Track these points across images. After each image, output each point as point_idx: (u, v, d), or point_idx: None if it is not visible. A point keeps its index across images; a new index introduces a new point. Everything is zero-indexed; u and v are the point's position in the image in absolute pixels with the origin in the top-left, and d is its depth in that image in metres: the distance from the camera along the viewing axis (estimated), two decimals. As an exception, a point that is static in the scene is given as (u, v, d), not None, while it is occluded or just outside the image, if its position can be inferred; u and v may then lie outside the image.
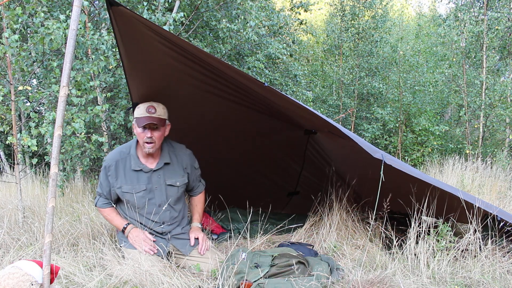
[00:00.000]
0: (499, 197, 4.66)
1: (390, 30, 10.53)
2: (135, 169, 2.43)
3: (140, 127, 2.34)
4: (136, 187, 2.43)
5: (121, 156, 2.45)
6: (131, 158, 2.44)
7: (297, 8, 7.56)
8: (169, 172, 2.50)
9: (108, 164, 2.44)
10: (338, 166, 3.60)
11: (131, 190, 2.42)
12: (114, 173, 2.42)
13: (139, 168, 2.43)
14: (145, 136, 2.35)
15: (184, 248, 2.51)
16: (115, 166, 2.43)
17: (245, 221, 3.31)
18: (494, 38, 7.79)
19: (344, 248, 2.76)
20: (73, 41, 1.60)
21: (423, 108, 9.29)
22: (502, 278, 2.30)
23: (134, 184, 2.43)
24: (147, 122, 2.33)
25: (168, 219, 2.51)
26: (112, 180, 2.43)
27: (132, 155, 2.45)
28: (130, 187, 2.42)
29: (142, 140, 2.37)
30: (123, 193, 2.43)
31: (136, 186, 2.43)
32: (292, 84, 7.48)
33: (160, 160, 2.49)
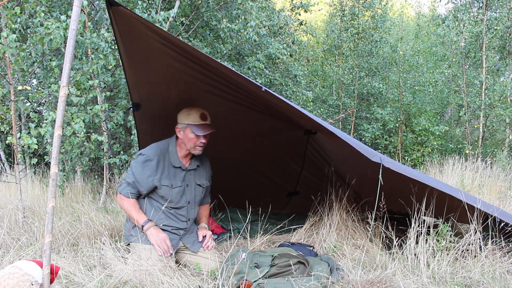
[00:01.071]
0: (499, 197, 4.66)
1: (389, 30, 10.53)
2: (175, 165, 2.58)
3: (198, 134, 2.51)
4: (173, 183, 2.57)
5: (161, 152, 2.57)
6: (171, 155, 2.59)
7: (297, 9, 7.55)
8: (199, 173, 2.72)
9: (150, 158, 2.51)
10: (338, 166, 3.59)
11: (169, 184, 2.55)
12: (155, 166, 2.51)
13: (178, 165, 2.59)
14: (198, 141, 2.54)
15: (193, 246, 2.61)
16: (157, 160, 2.53)
17: (245, 221, 3.31)
18: (493, 38, 7.79)
19: (344, 248, 2.76)
20: (73, 41, 1.60)
21: (423, 108, 9.29)
22: (502, 278, 2.30)
23: (172, 179, 2.57)
24: (209, 131, 2.52)
25: (192, 216, 2.70)
26: (153, 172, 2.51)
27: (172, 152, 2.59)
28: (168, 182, 2.55)
29: (194, 144, 2.55)
30: (162, 186, 2.53)
31: (173, 181, 2.57)
32: (292, 84, 7.48)
33: (193, 161, 2.68)
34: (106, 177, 4.30)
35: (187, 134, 2.54)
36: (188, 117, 2.54)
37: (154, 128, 3.08)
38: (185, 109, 2.59)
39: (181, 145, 2.60)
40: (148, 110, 2.93)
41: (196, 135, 2.52)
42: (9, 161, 7.15)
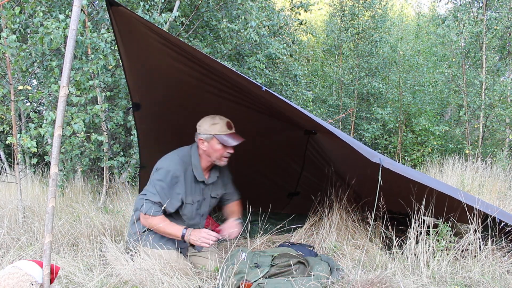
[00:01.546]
0: (499, 197, 4.66)
1: (389, 30, 10.53)
2: (200, 180, 2.46)
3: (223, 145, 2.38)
4: (194, 198, 2.47)
5: (185, 166, 2.42)
6: (194, 168, 2.44)
7: (297, 8, 7.55)
8: (216, 185, 2.61)
9: (177, 174, 2.37)
10: (338, 166, 3.59)
11: (191, 202, 2.45)
12: (183, 183, 2.39)
13: (201, 180, 2.47)
14: (226, 152, 2.41)
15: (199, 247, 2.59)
16: (184, 176, 2.39)
17: (245, 221, 3.31)
18: (493, 38, 7.79)
19: (344, 248, 2.76)
20: (73, 41, 1.60)
21: (423, 108, 9.29)
22: (502, 278, 2.30)
23: (193, 195, 2.45)
24: (239, 141, 2.40)
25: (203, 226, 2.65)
26: (181, 190, 2.38)
27: (195, 166, 2.44)
28: (191, 198, 2.45)
29: (220, 155, 2.41)
30: (186, 204, 2.43)
31: (195, 197, 2.47)
32: (292, 84, 7.48)
33: (213, 173, 2.56)
34: (106, 177, 4.30)
35: (213, 145, 2.39)
36: (214, 127, 2.38)
37: (154, 128, 3.08)
38: (208, 118, 2.43)
39: (204, 157, 2.45)
40: (148, 110, 2.93)
41: (223, 145, 2.38)
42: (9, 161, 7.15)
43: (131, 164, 4.90)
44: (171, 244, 2.43)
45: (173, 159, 2.41)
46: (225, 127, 2.39)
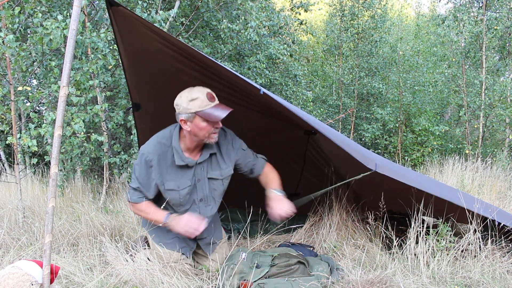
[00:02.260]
0: (499, 197, 4.66)
1: (389, 30, 10.54)
2: (180, 164, 2.19)
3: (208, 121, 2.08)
4: (180, 183, 2.21)
5: (162, 148, 2.18)
6: (174, 151, 2.19)
7: (297, 8, 7.56)
8: (214, 163, 2.31)
9: (150, 158, 2.15)
10: (338, 166, 3.59)
11: (175, 187, 2.21)
12: (157, 168, 2.16)
13: (184, 163, 2.20)
14: (213, 128, 2.12)
15: (207, 247, 2.50)
16: (157, 160, 2.16)
17: (245, 221, 3.31)
18: (493, 38, 7.79)
19: (344, 248, 2.76)
20: (73, 41, 1.60)
21: (423, 108, 9.30)
22: (502, 278, 2.30)
23: (179, 179, 2.21)
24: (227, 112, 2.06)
25: (209, 214, 2.37)
26: (156, 175, 2.18)
27: (176, 148, 2.19)
28: (174, 184, 2.20)
29: (208, 132, 2.11)
30: (167, 191, 2.21)
31: (181, 182, 2.22)
32: (292, 84, 7.48)
33: (205, 151, 2.26)
34: (106, 177, 4.30)
35: (197, 124, 2.08)
36: (193, 103, 2.06)
37: (154, 128, 3.08)
38: (184, 93, 2.11)
39: (189, 137, 2.17)
40: (148, 110, 2.93)
41: (209, 122, 2.07)
42: (9, 161, 7.15)
43: (131, 164, 4.90)
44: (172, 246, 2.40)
45: (150, 142, 2.21)
46: (207, 100, 2.06)
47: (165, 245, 2.38)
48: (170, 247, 2.38)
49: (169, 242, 2.39)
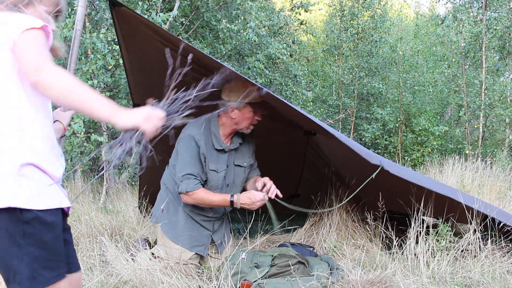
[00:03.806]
0: (499, 197, 4.66)
1: (389, 30, 10.54)
2: (218, 148, 2.39)
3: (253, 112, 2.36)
4: (219, 166, 2.40)
5: (205, 132, 2.38)
6: (213, 136, 2.40)
7: (297, 9, 7.56)
8: (240, 152, 2.54)
9: (198, 138, 2.33)
10: (338, 167, 3.59)
11: (216, 169, 2.39)
12: (204, 148, 2.33)
13: (221, 148, 2.41)
14: (254, 119, 2.39)
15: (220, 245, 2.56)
16: (204, 141, 2.35)
17: (245, 221, 3.31)
18: (493, 38, 7.79)
19: (344, 248, 2.76)
20: (77, 41, 1.60)
21: (423, 108, 9.30)
22: (502, 278, 2.30)
23: (218, 162, 2.40)
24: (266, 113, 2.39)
25: None
26: (203, 156, 2.33)
27: (214, 133, 2.40)
28: (214, 166, 2.38)
29: (249, 123, 2.39)
30: (210, 171, 2.37)
31: (219, 165, 2.40)
32: (292, 84, 7.48)
33: (235, 139, 2.50)
34: (106, 177, 4.30)
35: (244, 113, 2.35)
36: (246, 95, 2.30)
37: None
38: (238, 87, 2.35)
39: (228, 125, 2.40)
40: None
41: (254, 112, 2.36)
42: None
43: (131, 164, 4.91)
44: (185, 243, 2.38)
45: (194, 124, 2.37)
46: (258, 96, 2.31)
47: (179, 242, 2.38)
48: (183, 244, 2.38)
49: (183, 238, 2.39)
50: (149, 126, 1.15)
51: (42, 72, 1.06)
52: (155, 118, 1.17)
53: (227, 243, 2.61)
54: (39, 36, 1.13)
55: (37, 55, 1.09)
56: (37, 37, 1.13)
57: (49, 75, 1.07)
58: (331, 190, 3.32)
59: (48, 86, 1.07)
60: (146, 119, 1.15)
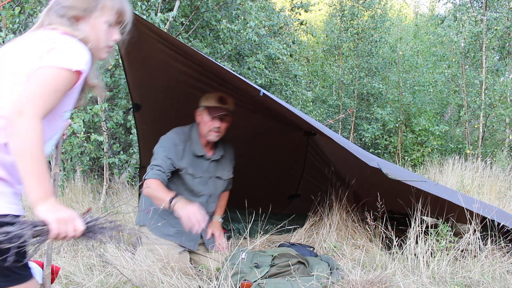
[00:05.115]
0: (498, 197, 4.66)
1: (389, 30, 10.54)
2: (198, 154, 2.47)
3: (210, 117, 2.41)
4: (196, 172, 2.47)
5: (186, 138, 2.47)
6: (193, 142, 2.48)
7: (297, 9, 7.56)
8: (221, 165, 2.61)
9: (177, 143, 2.42)
10: (338, 167, 3.59)
11: (192, 173, 2.45)
12: (181, 153, 2.42)
13: (201, 154, 2.48)
14: (213, 125, 2.42)
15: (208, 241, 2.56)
16: (183, 147, 2.43)
17: (245, 221, 3.31)
18: (493, 38, 7.79)
19: (344, 248, 2.76)
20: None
21: (423, 108, 9.30)
22: (502, 278, 2.30)
23: (195, 167, 2.46)
24: (221, 112, 2.41)
25: (211, 211, 2.60)
26: (177, 158, 2.41)
27: (194, 140, 2.49)
28: (192, 169, 2.45)
29: (208, 128, 2.43)
30: (186, 174, 2.44)
31: (197, 170, 2.47)
32: (292, 84, 7.47)
33: (217, 151, 2.57)
34: (106, 177, 4.30)
35: (203, 118, 2.44)
36: (207, 98, 2.45)
37: (154, 129, 3.08)
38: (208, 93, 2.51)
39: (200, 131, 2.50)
40: (148, 111, 2.93)
41: (211, 118, 2.42)
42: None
43: (131, 164, 4.90)
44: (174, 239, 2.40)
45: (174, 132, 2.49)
46: (216, 100, 2.42)
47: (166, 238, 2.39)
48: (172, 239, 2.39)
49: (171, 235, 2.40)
50: (58, 229, 1.06)
51: (22, 118, 1.01)
52: (71, 227, 1.08)
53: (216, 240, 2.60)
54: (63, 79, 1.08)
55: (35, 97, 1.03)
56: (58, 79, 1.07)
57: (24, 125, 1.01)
58: (331, 190, 3.32)
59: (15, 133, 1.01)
60: (61, 221, 1.06)
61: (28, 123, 1.01)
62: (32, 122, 1.01)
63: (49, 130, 1.17)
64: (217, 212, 2.69)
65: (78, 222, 1.09)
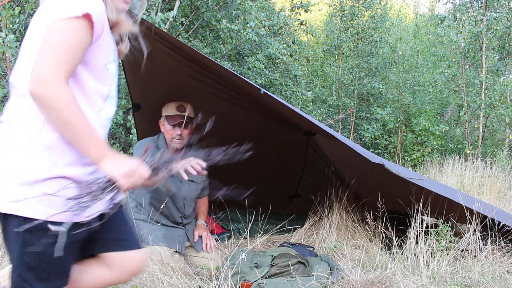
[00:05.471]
0: (498, 197, 4.66)
1: (389, 30, 10.54)
2: None
3: (171, 125, 2.48)
4: None
5: (155, 146, 2.54)
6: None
7: (297, 9, 7.56)
8: None
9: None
10: (338, 167, 3.59)
11: None
12: None
13: None
14: (174, 133, 2.49)
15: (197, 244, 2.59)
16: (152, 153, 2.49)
17: (245, 221, 3.31)
18: (493, 38, 7.79)
19: (344, 248, 2.76)
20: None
21: (423, 108, 9.30)
22: (502, 278, 2.30)
23: None
24: (179, 120, 2.47)
25: (188, 213, 2.66)
26: None
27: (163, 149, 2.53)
28: None
29: (171, 136, 2.50)
30: None
31: None
32: (292, 84, 7.48)
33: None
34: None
35: (165, 127, 2.53)
36: (167, 108, 2.53)
37: (154, 128, 3.08)
38: (168, 102, 2.56)
39: (166, 140, 2.57)
40: (148, 110, 2.93)
41: (172, 126, 2.48)
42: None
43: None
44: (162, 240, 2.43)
45: (143, 140, 2.62)
46: (174, 109, 2.50)
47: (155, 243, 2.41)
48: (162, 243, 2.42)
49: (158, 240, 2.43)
50: (127, 183, 1.04)
51: (45, 87, 0.94)
52: (137, 176, 1.06)
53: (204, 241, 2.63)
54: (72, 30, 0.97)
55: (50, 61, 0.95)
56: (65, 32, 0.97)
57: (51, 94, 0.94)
58: (331, 190, 3.32)
59: (45, 105, 0.95)
60: (128, 175, 1.04)
61: (52, 90, 0.94)
62: (56, 88, 0.94)
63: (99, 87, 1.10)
64: (200, 217, 2.75)
65: (142, 169, 1.08)
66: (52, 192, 1.01)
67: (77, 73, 1.03)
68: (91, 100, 1.08)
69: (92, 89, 1.08)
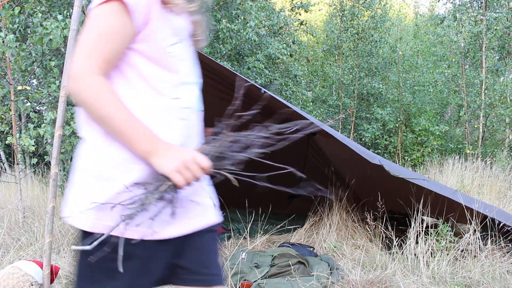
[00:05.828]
0: (498, 197, 4.66)
1: (389, 30, 10.54)
2: None
3: None
4: None
5: None
6: None
7: (297, 9, 7.56)
8: None
9: None
10: (338, 167, 3.59)
11: None
12: None
13: None
14: None
15: None
16: None
17: (245, 221, 3.31)
18: (493, 38, 7.79)
19: (344, 248, 2.76)
20: (73, 41, 1.60)
21: (423, 108, 9.30)
22: (502, 278, 2.30)
23: None
24: None
25: None
26: None
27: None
28: None
29: None
30: None
31: None
32: (292, 84, 7.48)
33: None
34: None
35: None
36: None
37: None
38: None
39: None
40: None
41: None
42: (9, 161, 7.15)
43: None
44: None
45: None
46: None
47: None
48: None
49: None
50: (184, 177, 0.90)
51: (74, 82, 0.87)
52: (196, 168, 0.91)
53: None
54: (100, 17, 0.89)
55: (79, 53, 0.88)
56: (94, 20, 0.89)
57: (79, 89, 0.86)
58: (331, 190, 3.32)
59: (78, 101, 0.88)
60: (183, 167, 0.89)
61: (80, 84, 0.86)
62: (88, 82, 0.86)
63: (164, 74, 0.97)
64: None
65: (200, 159, 0.92)
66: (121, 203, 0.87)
67: (133, 62, 0.94)
68: (158, 89, 0.96)
69: (156, 76, 0.96)
